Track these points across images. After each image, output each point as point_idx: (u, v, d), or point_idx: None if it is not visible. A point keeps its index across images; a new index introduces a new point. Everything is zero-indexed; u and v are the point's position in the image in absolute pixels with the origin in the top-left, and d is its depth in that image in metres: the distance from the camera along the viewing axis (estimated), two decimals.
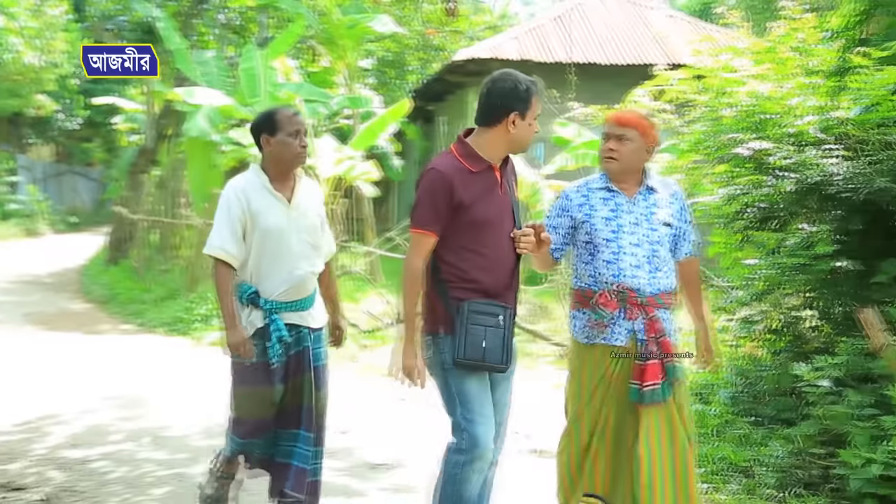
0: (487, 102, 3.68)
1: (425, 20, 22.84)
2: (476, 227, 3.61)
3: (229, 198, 4.04)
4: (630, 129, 3.82)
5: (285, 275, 4.05)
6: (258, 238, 4.02)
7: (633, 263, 3.80)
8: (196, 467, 5.58)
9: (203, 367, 8.84)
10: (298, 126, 4.05)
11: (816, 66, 5.77)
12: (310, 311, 4.18)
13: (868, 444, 4.22)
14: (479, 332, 3.57)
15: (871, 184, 4.57)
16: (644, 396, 3.73)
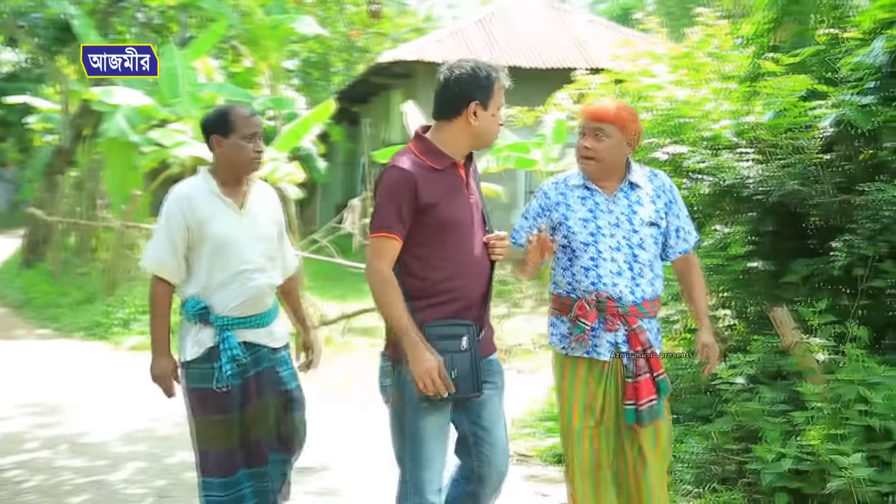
0: (444, 92, 3.29)
1: (349, 22, 22.76)
2: (443, 230, 3.23)
3: (170, 206, 3.63)
4: (607, 124, 3.45)
5: (238, 287, 3.63)
6: (207, 248, 3.61)
7: (612, 270, 3.48)
8: (115, 474, 5.49)
9: (122, 372, 8.68)
10: (255, 129, 3.67)
11: (730, 71, 5.92)
12: (268, 329, 3.74)
13: (780, 440, 4.33)
14: (447, 361, 3.14)
15: (783, 186, 4.71)
16: (643, 416, 3.42)
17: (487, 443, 3.37)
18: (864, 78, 4.75)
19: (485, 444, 3.37)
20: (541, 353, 9.67)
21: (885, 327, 4.86)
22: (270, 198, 3.88)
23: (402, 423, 3.28)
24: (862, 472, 3.84)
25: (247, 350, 3.67)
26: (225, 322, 3.63)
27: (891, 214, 4.35)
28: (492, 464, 3.38)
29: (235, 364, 3.61)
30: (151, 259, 3.68)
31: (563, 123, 11.66)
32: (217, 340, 3.62)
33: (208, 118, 3.76)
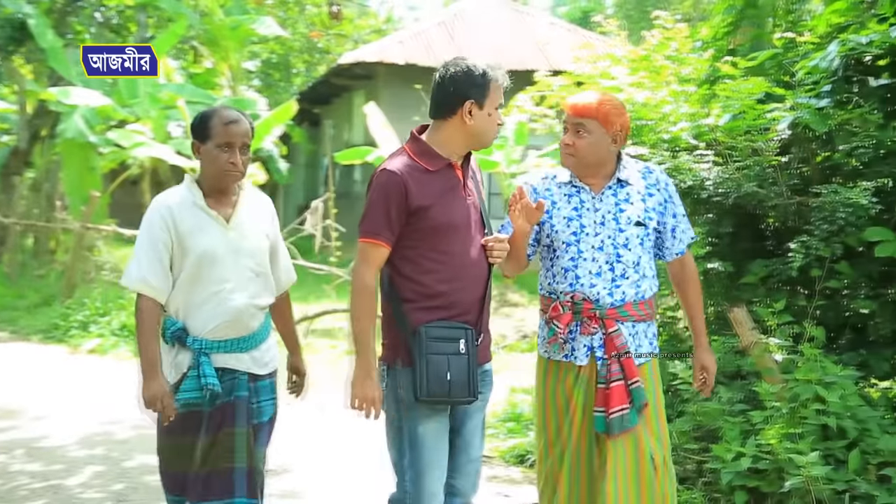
0: (439, 91, 3.21)
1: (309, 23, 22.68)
2: (437, 233, 3.15)
3: (152, 218, 3.33)
4: (589, 120, 3.31)
5: (217, 307, 3.32)
6: (187, 264, 3.32)
7: (592, 270, 3.33)
8: (72, 479, 5.42)
9: (80, 375, 8.58)
10: (232, 138, 3.32)
11: (689, 74, 5.99)
12: (251, 354, 3.41)
13: (738, 439, 4.37)
14: (442, 363, 3.09)
15: (740, 188, 4.76)
16: (612, 425, 3.25)
17: (464, 454, 3.30)
18: (820, 81, 4.82)
19: (461, 455, 3.30)
20: (502, 355, 9.71)
21: (840, 327, 4.94)
22: (264, 209, 3.55)
23: (399, 429, 3.19)
24: (818, 471, 3.90)
25: (225, 376, 3.35)
26: (202, 345, 3.33)
27: (845, 216, 4.41)
28: (465, 476, 3.32)
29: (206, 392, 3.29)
30: (133, 276, 3.33)
31: (524, 125, 11.70)
32: (192, 364, 3.32)
33: (193, 121, 3.46)
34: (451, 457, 3.28)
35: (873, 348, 4.75)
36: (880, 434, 4.19)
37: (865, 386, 4.73)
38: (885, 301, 4.76)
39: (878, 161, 4.78)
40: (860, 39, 4.71)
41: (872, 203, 4.39)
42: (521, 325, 11.23)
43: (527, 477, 5.55)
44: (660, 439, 3.35)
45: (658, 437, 3.35)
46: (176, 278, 3.34)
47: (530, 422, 6.34)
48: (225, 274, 3.34)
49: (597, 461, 3.33)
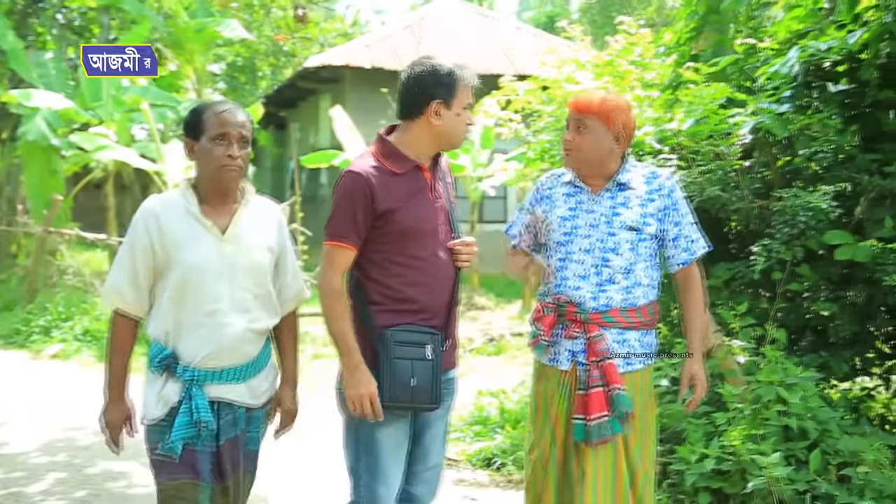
0: (405, 91, 3.15)
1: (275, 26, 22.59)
2: (404, 236, 3.09)
3: (135, 225, 2.99)
4: (590, 117, 3.24)
5: (211, 332, 2.95)
6: (173, 280, 2.94)
7: (578, 273, 3.27)
8: (33, 486, 5.35)
9: (42, 381, 8.47)
10: (227, 128, 2.97)
11: (652, 79, 6.04)
12: (249, 384, 3.06)
13: (702, 441, 4.41)
14: (406, 368, 3.04)
15: (704, 192, 4.81)
16: (591, 433, 3.17)
17: (421, 462, 3.26)
18: (780, 87, 4.89)
19: (418, 463, 3.26)
20: (469, 358, 9.72)
21: (801, 329, 5.01)
22: (269, 219, 3.16)
23: (357, 433, 3.14)
24: (780, 471, 3.94)
25: (221, 410, 3.00)
26: (193, 375, 2.95)
27: (806, 220, 4.48)
28: (423, 483, 3.29)
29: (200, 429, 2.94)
30: (109, 288, 3.02)
31: (490, 130, 11.74)
32: (183, 397, 2.95)
33: (184, 118, 3.10)
34: (409, 464, 3.24)
35: (833, 350, 4.82)
36: (840, 435, 4.25)
37: (826, 387, 4.80)
38: (845, 303, 4.84)
39: (837, 165, 4.85)
40: (819, 46, 4.79)
41: (832, 207, 4.46)
42: (488, 329, 11.26)
43: (493, 480, 5.56)
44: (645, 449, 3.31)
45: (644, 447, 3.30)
46: (160, 296, 2.98)
47: (497, 425, 6.36)
48: (218, 293, 2.96)
49: (576, 470, 3.27)
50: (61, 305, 11.04)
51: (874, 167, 4.71)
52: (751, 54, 5.44)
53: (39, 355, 9.86)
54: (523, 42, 18.58)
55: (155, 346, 3.01)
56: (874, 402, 5.24)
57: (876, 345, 5.06)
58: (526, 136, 6.78)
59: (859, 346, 4.91)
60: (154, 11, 16.31)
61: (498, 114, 7.88)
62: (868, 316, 4.89)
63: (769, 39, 5.55)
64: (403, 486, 3.25)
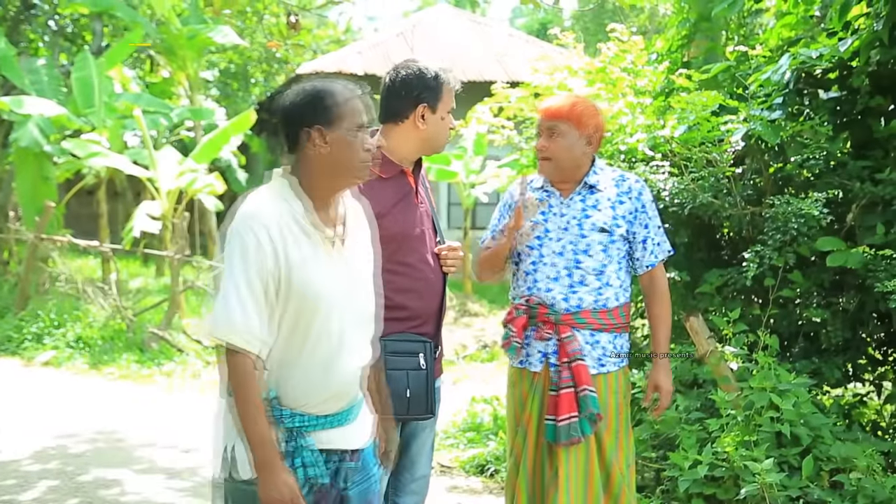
0: (390, 95, 3.12)
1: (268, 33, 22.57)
2: (392, 242, 2.99)
3: (250, 240, 2.35)
4: (562, 122, 3.26)
5: (328, 372, 2.44)
6: (291, 309, 2.40)
7: (549, 275, 3.30)
8: (25, 494, 5.34)
9: (34, 388, 8.45)
10: (367, 117, 2.50)
11: (644, 86, 6.06)
12: (354, 425, 2.55)
13: (695, 447, 4.41)
14: (401, 379, 2.97)
15: (696, 199, 4.82)
16: (560, 434, 3.19)
17: (409, 472, 3.25)
18: (772, 94, 4.91)
19: (405, 473, 3.25)
20: (462, 364, 9.72)
21: (793, 336, 5.02)
22: (362, 214, 2.66)
23: None
24: (773, 478, 3.95)
25: (327, 461, 2.46)
26: (302, 422, 2.42)
27: (798, 227, 4.49)
28: (410, 494, 3.26)
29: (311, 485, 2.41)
30: (236, 324, 2.33)
31: (483, 136, 11.76)
32: (288, 448, 2.41)
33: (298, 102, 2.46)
34: (394, 474, 3.20)
35: (825, 356, 4.83)
36: (833, 441, 4.26)
37: (818, 393, 4.81)
38: (837, 310, 4.85)
39: (828, 172, 4.87)
40: (810, 53, 4.81)
41: (823, 213, 4.47)
42: (482, 335, 11.26)
43: (487, 487, 5.56)
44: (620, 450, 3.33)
45: (618, 449, 3.33)
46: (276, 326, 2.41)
47: (490, 431, 6.36)
48: (343, 324, 2.45)
49: (549, 471, 3.29)
50: (53, 312, 11.02)
51: (865, 174, 4.73)
52: (742, 61, 5.46)
53: (31, 362, 9.83)
54: (516, 49, 18.61)
55: None
56: (866, 409, 5.26)
57: (868, 351, 5.07)
58: (518, 143, 6.80)
59: (851, 352, 4.92)
60: (147, 18, 16.31)
61: (490, 120, 7.90)
62: (860, 322, 4.91)
63: (760, 47, 5.57)
64: (391, 497, 3.24)
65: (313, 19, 23.72)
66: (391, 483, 3.23)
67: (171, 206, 12.69)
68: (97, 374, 9.24)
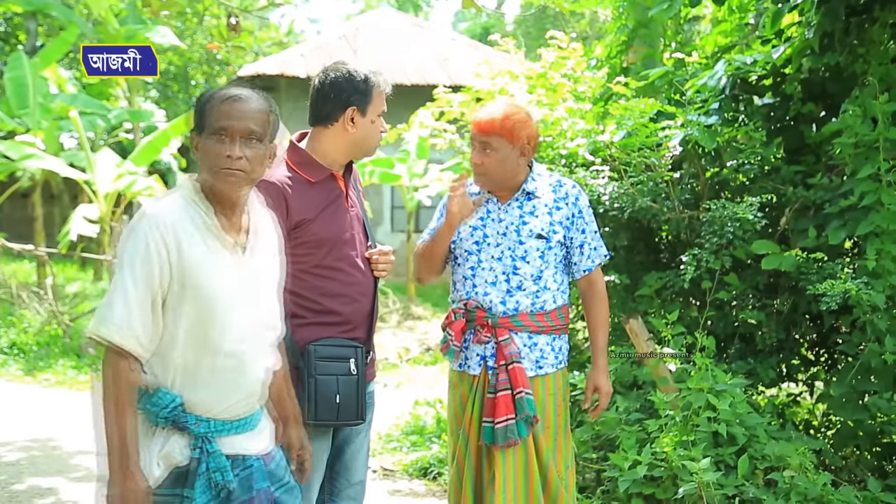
0: (319, 98, 3.09)
1: (208, 34, 22.35)
2: (321, 246, 3.01)
3: (142, 241, 2.34)
4: (494, 137, 3.27)
5: (237, 377, 2.44)
6: (186, 311, 2.38)
7: (488, 279, 3.32)
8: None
9: None
10: (227, 121, 2.44)
11: (584, 92, 6.13)
12: (259, 427, 2.57)
13: (635, 447, 4.47)
14: (331, 385, 2.96)
15: (635, 203, 4.89)
16: (497, 436, 3.21)
17: (344, 478, 3.23)
18: (708, 100, 5.00)
19: (341, 479, 3.23)
20: (406, 368, 9.73)
21: (729, 337, 5.11)
22: (268, 218, 2.64)
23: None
24: (710, 476, 4.02)
25: (236, 466, 2.45)
26: (210, 428, 2.42)
27: (734, 230, 4.58)
28: (347, 500, 3.25)
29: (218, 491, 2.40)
30: (117, 322, 2.32)
31: (425, 140, 11.77)
32: (195, 454, 2.39)
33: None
34: (330, 479, 3.20)
35: (760, 357, 4.93)
36: (767, 440, 4.34)
37: (753, 393, 4.91)
38: (772, 311, 4.96)
39: (762, 177, 4.98)
40: (745, 59, 4.92)
41: (758, 217, 4.56)
42: (425, 339, 11.27)
43: (430, 490, 5.57)
44: (558, 452, 3.36)
45: (556, 450, 3.36)
46: (172, 332, 2.38)
47: (433, 434, 6.37)
48: (245, 329, 2.45)
49: (487, 473, 3.30)
50: None
51: (798, 179, 4.84)
52: (679, 67, 5.56)
53: None
54: (458, 53, 18.66)
55: (162, 393, 2.38)
56: (799, 408, 5.38)
57: (801, 352, 5.19)
58: (460, 147, 6.82)
59: (785, 353, 5.04)
60: (83, 18, 16.02)
61: (433, 124, 7.91)
62: (793, 323, 5.02)
63: (697, 53, 5.67)
64: (328, 502, 3.22)
65: (255, 21, 23.55)
66: (327, 489, 3.21)
67: (110, 209, 12.48)
68: (32, 380, 9.05)
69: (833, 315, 4.63)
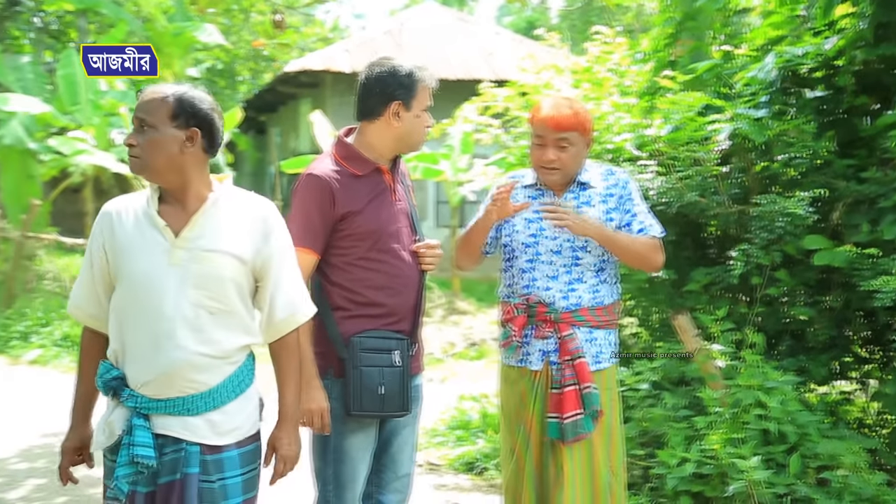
0: (365, 92, 3.12)
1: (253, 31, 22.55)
2: (367, 239, 3.05)
3: (92, 229, 2.70)
4: (570, 132, 3.26)
5: (155, 355, 2.54)
6: (120, 291, 2.60)
7: (548, 273, 3.30)
8: (13, 492, 5.33)
9: (21, 387, 8.41)
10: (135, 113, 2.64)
11: (630, 86, 6.08)
12: (207, 418, 2.58)
13: (683, 444, 4.44)
14: (375, 376, 3.00)
15: (682, 198, 4.84)
16: (566, 431, 3.20)
17: (391, 470, 3.25)
18: (758, 93, 4.93)
19: (387, 472, 3.25)
20: (450, 362, 9.74)
21: (779, 334, 5.04)
22: (246, 221, 2.67)
23: (325, 441, 3.10)
24: (760, 475, 3.98)
25: (167, 446, 2.56)
26: (136, 403, 2.56)
27: (784, 225, 4.51)
28: (393, 493, 3.26)
29: (139, 467, 2.54)
30: (70, 299, 2.77)
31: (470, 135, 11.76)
32: (125, 427, 2.56)
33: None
34: (377, 472, 3.23)
35: (812, 354, 4.85)
36: (819, 438, 4.28)
37: (804, 391, 4.84)
38: (823, 308, 4.88)
39: (813, 171, 4.90)
40: (796, 51, 4.84)
41: (809, 212, 4.50)
42: (470, 333, 11.27)
43: (476, 485, 5.57)
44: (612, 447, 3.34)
45: (610, 445, 3.33)
46: (112, 307, 2.63)
47: (479, 429, 6.37)
48: (164, 308, 2.54)
49: (552, 469, 3.29)
50: (40, 311, 10.98)
51: (850, 172, 4.76)
52: (728, 60, 5.49)
53: (18, 361, 9.79)
54: (503, 47, 18.62)
55: (103, 364, 2.62)
56: (852, 406, 5.29)
57: (853, 349, 5.11)
58: (505, 142, 6.80)
59: (837, 350, 4.95)
60: (132, 15, 16.24)
61: (477, 119, 7.90)
62: (845, 320, 4.94)
63: (745, 46, 5.59)
64: (375, 495, 3.25)
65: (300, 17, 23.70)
66: (374, 481, 3.24)
67: None
68: None
69: (887, 312, 4.55)
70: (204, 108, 2.62)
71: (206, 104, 2.64)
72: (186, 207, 2.62)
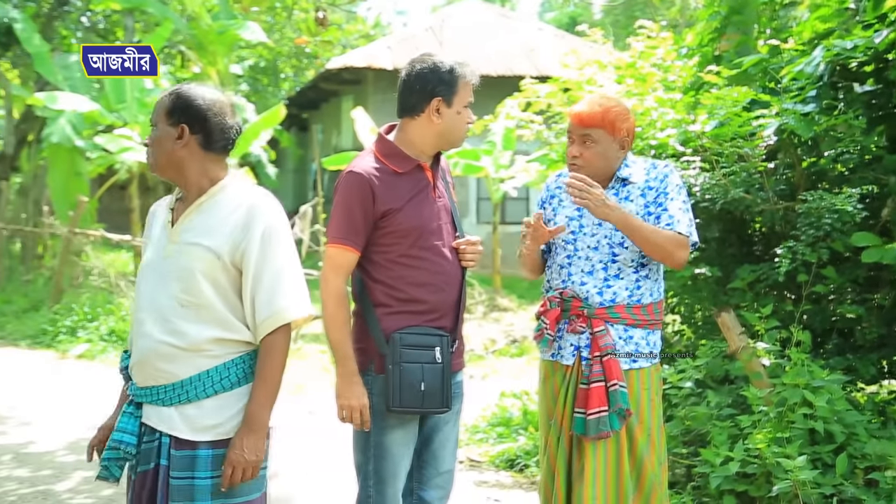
0: (406, 89, 3.13)
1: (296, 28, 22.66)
2: (408, 236, 3.06)
3: None
4: (595, 129, 3.25)
5: (134, 343, 2.71)
6: None
7: (584, 269, 3.29)
8: (61, 484, 5.41)
9: (68, 381, 8.56)
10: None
11: (674, 81, 6.02)
12: (181, 411, 2.60)
13: (727, 443, 4.39)
14: (416, 372, 3.01)
15: (727, 194, 4.78)
16: (589, 427, 3.18)
17: (432, 466, 3.25)
18: (805, 87, 4.85)
19: (429, 468, 3.25)
20: (491, 359, 9.72)
21: (827, 332, 4.97)
22: (230, 216, 2.65)
23: (366, 437, 3.11)
24: (806, 475, 3.92)
25: (146, 435, 2.65)
26: (132, 391, 2.71)
27: (831, 222, 4.44)
28: (434, 489, 3.26)
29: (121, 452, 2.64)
30: None
31: (511, 131, 11.74)
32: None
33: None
34: (419, 468, 3.23)
35: (860, 353, 4.78)
36: (867, 438, 4.21)
37: (852, 390, 4.76)
38: (872, 306, 4.80)
39: (863, 167, 4.81)
40: (845, 45, 4.74)
41: (858, 209, 4.42)
42: (511, 330, 11.26)
43: (517, 481, 5.56)
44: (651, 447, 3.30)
45: (650, 445, 3.29)
46: None
47: (520, 426, 6.36)
48: (142, 298, 2.69)
49: (577, 464, 3.27)
50: (87, 306, 11.15)
51: None
52: (774, 55, 5.40)
53: (66, 355, 9.96)
54: (545, 43, 18.56)
55: (125, 352, 2.82)
56: None
57: None
58: (548, 138, 6.77)
59: (886, 348, 4.87)
60: (177, 14, 16.41)
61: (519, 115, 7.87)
62: (895, 319, 4.85)
63: (793, 40, 5.51)
64: (416, 491, 3.25)
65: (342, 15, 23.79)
66: (416, 477, 3.24)
67: None
68: None
69: None
70: (195, 105, 2.65)
71: (201, 101, 2.66)
72: (188, 202, 2.74)
